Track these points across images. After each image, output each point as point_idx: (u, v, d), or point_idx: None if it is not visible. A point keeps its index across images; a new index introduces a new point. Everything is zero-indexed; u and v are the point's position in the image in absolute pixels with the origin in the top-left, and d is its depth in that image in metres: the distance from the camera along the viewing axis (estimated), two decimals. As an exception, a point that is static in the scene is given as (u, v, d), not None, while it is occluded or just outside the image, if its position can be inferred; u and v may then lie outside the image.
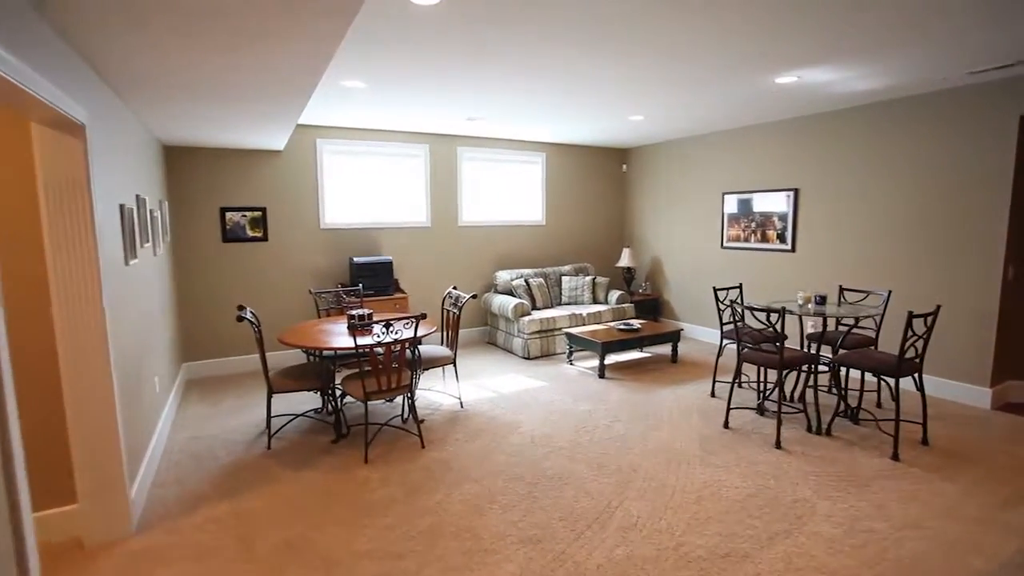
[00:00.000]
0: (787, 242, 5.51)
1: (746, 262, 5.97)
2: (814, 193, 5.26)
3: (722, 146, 6.15)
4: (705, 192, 6.41)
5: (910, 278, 4.58)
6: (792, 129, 5.41)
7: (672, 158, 6.83)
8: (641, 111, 4.99)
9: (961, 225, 4.26)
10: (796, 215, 5.43)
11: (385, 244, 5.99)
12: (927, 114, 4.40)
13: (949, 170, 4.31)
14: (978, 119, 4.12)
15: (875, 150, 4.76)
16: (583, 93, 4.27)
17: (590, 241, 7.45)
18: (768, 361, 3.52)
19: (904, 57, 3.39)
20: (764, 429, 3.76)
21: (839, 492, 2.91)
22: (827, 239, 5.18)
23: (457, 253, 6.42)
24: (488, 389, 4.73)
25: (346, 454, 3.45)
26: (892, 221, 4.68)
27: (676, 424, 3.87)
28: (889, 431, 3.69)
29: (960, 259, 4.28)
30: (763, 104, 4.75)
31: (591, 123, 5.59)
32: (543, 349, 5.81)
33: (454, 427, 3.87)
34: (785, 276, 5.57)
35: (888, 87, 4.16)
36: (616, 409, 4.19)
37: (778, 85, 4.06)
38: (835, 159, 5.07)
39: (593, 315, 6.11)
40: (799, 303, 4.00)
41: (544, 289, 6.33)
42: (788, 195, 5.47)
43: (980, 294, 4.18)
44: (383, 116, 5.11)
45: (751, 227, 5.88)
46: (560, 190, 7.09)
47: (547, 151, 6.94)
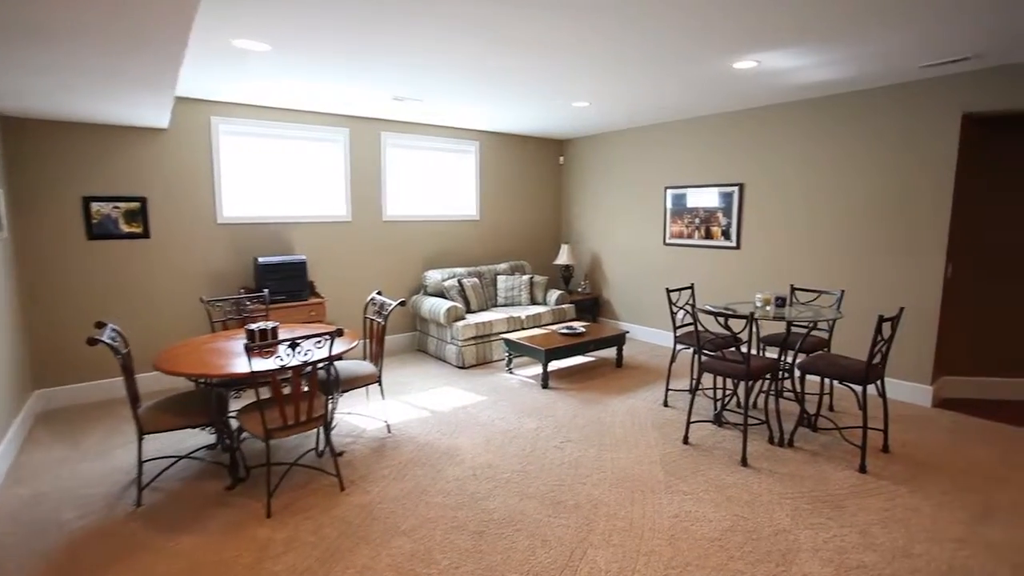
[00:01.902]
0: (732, 239, 5.33)
1: (690, 260, 5.76)
2: (759, 189, 5.10)
3: (665, 139, 5.89)
4: (647, 186, 6.15)
5: (856, 276, 4.50)
6: (738, 122, 5.22)
7: (612, 151, 6.52)
8: (587, 95, 4.58)
9: (906, 223, 4.20)
10: (741, 211, 5.26)
11: (298, 241, 5.22)
12: (874, 110, 4.30)
13: (894, 167, 4.23)
14: (924, 116, 4.06)
15: (821, 146, 4.63)
16: (527, 69, 3.78)
17: (527, 238, 7.01)
18: (733, 371, 3.21)
19: (864, 44, 3.18)
20: (726, 443, 3.47)
21: (818, 518, 2.63)
22: (772, 236, 5.04)
23: (382, 251, 5.75)
24: (419, 407, 4.15)
25: (243, 506, 2.76)
26: (838, 218, 4.58)
27: (633, 443, 3.49)
28: (850, 438, 3.51)
29: (905, 257, 4.22)
30: (719, 93, 4.48)
31: (532, 108, 5.12)
32: (479, 356, 5.30)
33: (380, 459, 3.27)
34: (730, 274, 5.39)
35: (845, 79, 4.00)
36: (565, 426, 3.76)
37: (735, 71, 3.77)
38: (781, 154, 4.92)
39: (532, 317, 5.67)
40: (758, 304, 3.75)
41: (479, 290, 5.81)
42: (733, 190, 5.29)
43: (923, 292, 4.14)
44: (293, 92, 4.36)
45: (695, 223, 5.66)
46: (496, 183, 6.59)
47: (482, 140, 6.40)
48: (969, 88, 3.84)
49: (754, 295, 4.91)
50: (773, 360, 3.38)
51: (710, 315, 3.33)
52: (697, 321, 3.37)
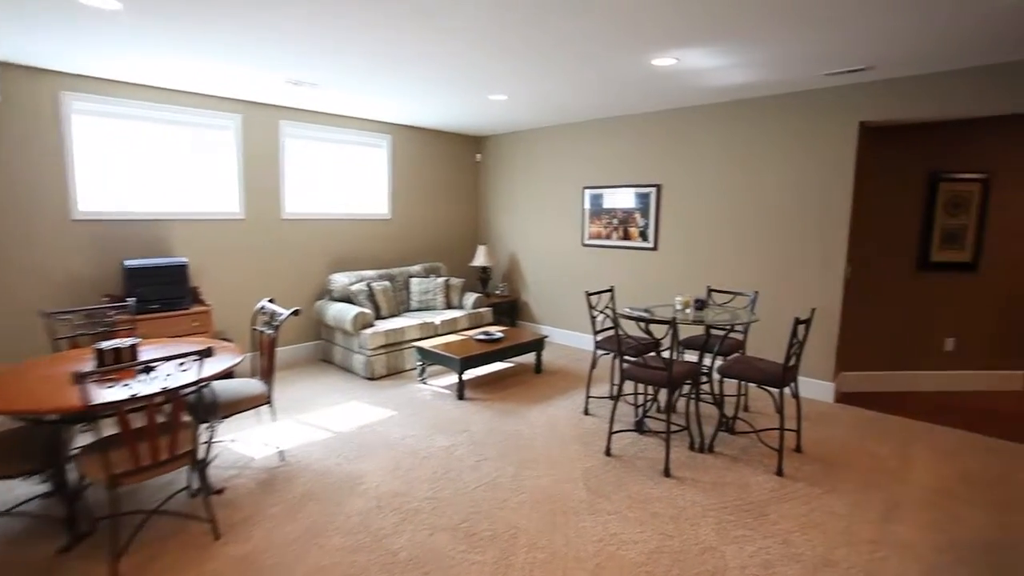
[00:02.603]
0: (649, 240, 5.32)
1: (608, 261, 5.70)
2: (676, 190, 5.11)
3: (584, 138, 5.79)
4: (565, 186, 6.02)
5: (768, 277, 4.60)
6: (656, 123, 5.20)
7: (531, 149, 6.34)
8: (505, 89, 4.34)
9: (812, 225, 4.33)
10: (658, 212, 5.25)
11: (179, 241, 4.55)
12: (784, 115, 4.40)
13: (801, 171, 4.35)
14: (827, 123, 4.19)
15: (735, 149, 4.70)
16: (440, 56, 3.46)
17: (443, 238, 6.68)
18: (655, 379, 3.09)
19: (775, 47, 3.17)
20: (648, 452, 3.35)
21: (742, 530, 2.54)
22: (689, 238, 5.06)
23: (281, 252, 5.18)
24: (320, 427, 3.70)
25: (83, 572, 2.23)
26: (751, 220, 4.66)
27: (554, 457, 3.28)
28: (766, 440, 3.52)
29: (811, 258, 4.35)
30: (638, 92, 4.39)
31: (447, 101, 4.80)
32: (390, 366, 4.90)
33: (269, 494, 2.82)
34: (649, 276, 5.38)
35: (758, 83, 4.04)
36: (482, 441, 3.49)
37: (655, 69, 3.67)
38: (697, 156, 4.95)
39: (448, 323, 5.35)
40: (678, 307, 3.68)
41: (390, 294, 5.40)
42: (650, 191, 5.27)
43: (826, 292, 4.29)
44: (169, 68, 3.75)
45: (613, 224, 5.60)
46: (409, 180, 6.19)
47: (394, 133, 5.98)
48: (865, 98, 4.00)
49: (673, 297, 4.91)
50: (695, 365, 3.30)
51: (631, 320, 3.20)
52: (618, 326, 3.23)
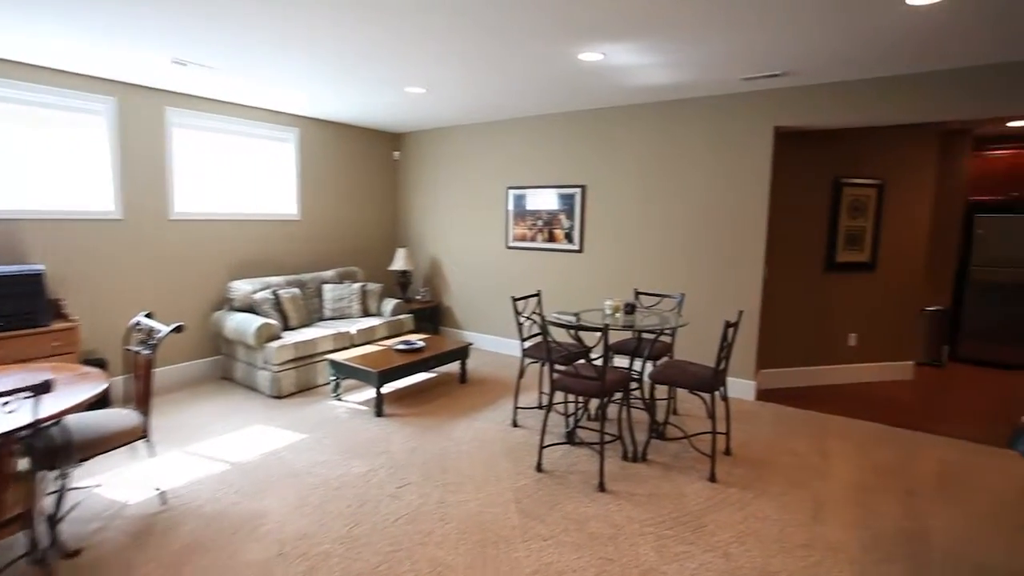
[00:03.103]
0: (575, 242, 5.22)
1: (534, 263, 5.54)
2: (601, 191, 5.05)
3: (508, 136, 5.60)
4: (489, 186, 5.80)
5: (692, 279, 4.62)
6: (582, 122, 5.10)
7: (452, 147, 6.06)
8: (423, 80, 4.04)
9: (732, 228, 4.40)
10: (584, 214, 5.16)
11: (36, 246, 3.84)
12: (706, 118, 4.44)
13: (722, 174, 4.41)
14: (745, 127, 4.27)
15: (660, 150, 4.69)
16: (350, 39, 3.11)
17: (359, 241, 6.23)
18: (588, 389, 2.93)
19: (697, 46, 3.13)
20: (581, 465, 3.20)
21: (682, 546, 2.43)
22: (614, 239, 5.01)
23: (170, 258, 4.55)
24: (213, 459, 3.22)
25: None
26: (675, 222, 4.67)
27: (482, 478, 3.04)
28: (696, 444, 3.48)
29: (732, 260, 4.42)
30: (564, 89, 4.25)
31: (362, 93, 4.42)
32: (300, 382, 4.44)
33: (142, 550, 2.36)
34: (575, 279, 5.27)
35: (682, 84, 4.02)
36: (403, 464, 3.18)
37: (581, 64, 3.53)
38: (622, 157, 4.90)
39: (365, 332, 4.96)
40: (607, 312, 3.56)
41: (300, 303, 4.91)
42: (575, 192, 5.17)
43: (747, 292, 4.37)
44: (16, 35, 3.11)
45: (538, 225, 5.46)
46: (321, 177, 5.71)
47: (303, 127, 5.48)
48: (780, 104, 4.11)
49: (602, 301, 4.83)
50: (627, 372, 3.19)
51: (561, 327, 3.02)
52: (546, 333, 3.04)
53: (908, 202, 4.95)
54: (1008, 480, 3.16)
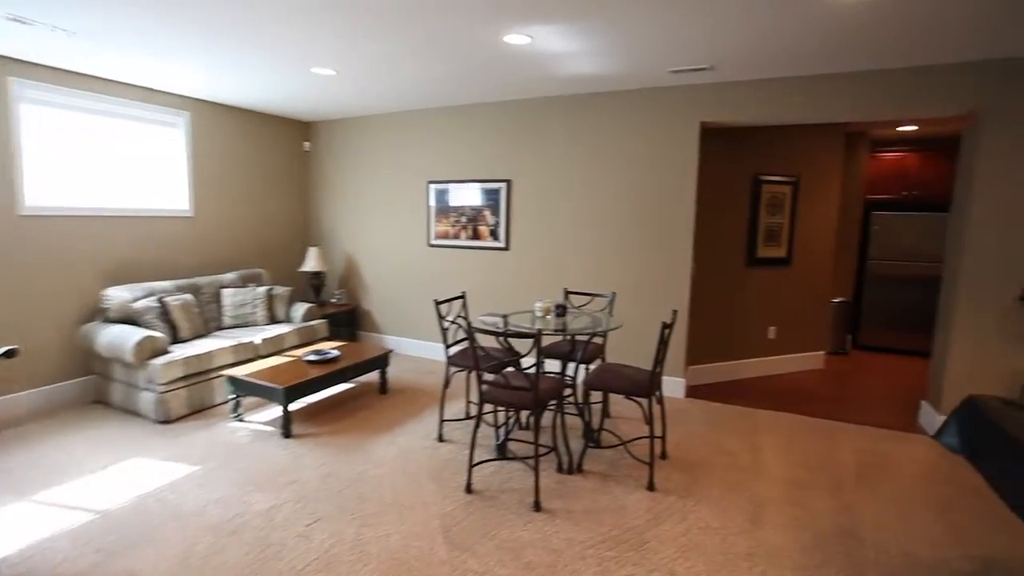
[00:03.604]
0: (500, 239, 4.97)
1: (458, 262, 5.24)
2: (527, 186, 4.83)
3: (429, 127, 5.24)
4: (409, 181, 5.42)
5: (623, 276, 4.52)
6: (507, 114, 4.85)
7: (369, 137, 5.61)
8: (333, 60, 3.61)
9: (661, 224, 4.34)
10: (509, 210, 4.92)
11: None
12: (634, 111, 4.33)
13: (650, 170, 4.33)
14: (673, 122, 4.21)
15: (588, 144, 4.54)
16: (243, 5, 2.65)
17: (264, 240, 5.63)
18: (520, 401, 2.69)
19: (624, 34, 2.98)
20: (514, 481, 2.96)
21: (626, 567, 2.25)
22: (542, 237, 4.81)
23: (20, 261, 3.80)
24: (73, 507, 2.66)
25: None
26: (605, 218, 4.54)
27: (406, 505, 2.72)
28: (634, 451, 3.34)
29: (661, 256, 4.36)
30: (489, 77, 3.97)
31: (263, 72, 3.90)
32: (193, 403, 3.87)
33: (-38, 639, 1.84)
34: (502, 278, 5.03)
35: (609, 75, 3.87)
36: (314, 495, 2.79)
37: (507, 48, 3.27)
38: (549, 151, 4.70)
39: (272, 341, 4.44)
40: (538, 314, 3.35)
41: (193, 311, 4.31)
42: (500, 187, 4.92)
43: (677, 289, 4.33)
44: None
45: (461, 222, 5.16)
46: (218, 169, 5.06)
47: (195, 110, 4.82)
48: (706, 99, 4.08)
49: (531, 301, 4.63)
50: (561, 379, 2.98)
51: (488, 334, 2.76)
52: (473, 340, 2.77)
53: (818, 200, 5.15)
54: (915, 464, 3.30)
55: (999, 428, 1.95)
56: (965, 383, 3.65)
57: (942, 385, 3.73)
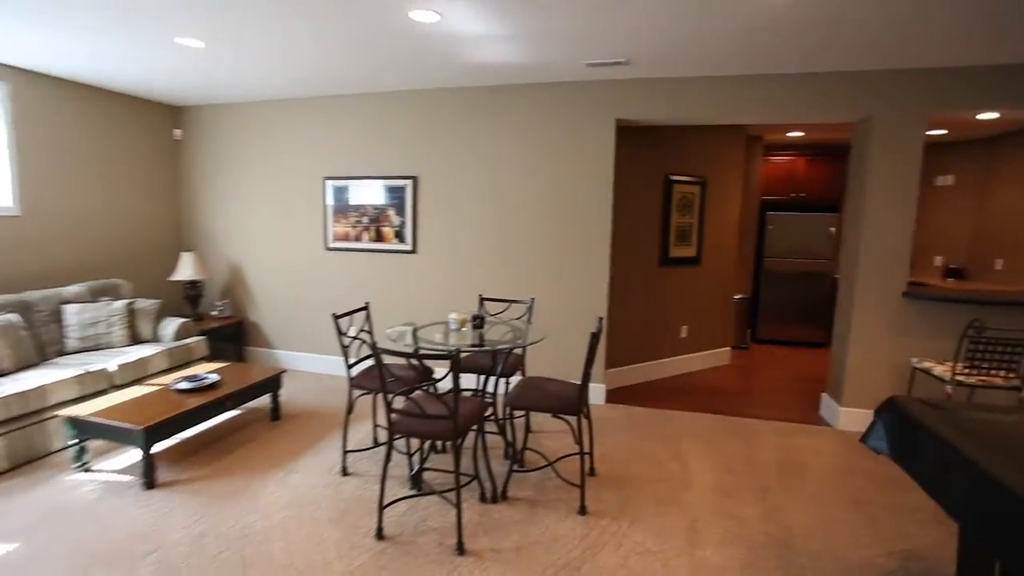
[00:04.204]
0: (407, 242, 4.56)
1: (360, 267, 4.74)
2: (436, 184, 4.45)
3: (326, 118, 4.68)
4: (303, 177, 4.83)
5: (539, 280, 4.29)
6: (412, 104, 4.43)
7: (254, 126, 4.93)
8: (199, 29, 3.01)
9: (579, 224, 4.16)
10: (416, 209, 4.52)
11: None
12: (550, 106, 4.11)
13: (567, 168, 4.13)
14: (589, 118, 4.04)
15: (502, 139, 4.25)
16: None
17: (124, 244, 4.75)
18: (439, 432, 2.34)
19: (537, 19, 2.73)
20: (432, 519, 2.60)
21: (563, 617, 1.99)
22: (453, 238, 4.46)
23: None
24: None
25: None
26: (520, 219, 4.28)
27: (304, 565, 2.25)
28: (560, 471, 3.10)
29: (579, 257, 4.18)
30: (393, 61, 3.54)
31: (115, 37, 3.18)
32: (15, 454, 3.07)
33: None
34: (410, 284, 4.61)
35: (524, 66, 3.60)
36: (182, 567, 2.24)
37: (412, 27, 2.89)
38: (460, 146, 4.36)
39: (132, 367, 3.70)
40: (453, 326, 3.00)
41: (20, 334, 3.47)
42: (406, 184, 4.50)
43: (595, 292, 4.18)
44: None
45: (363, 223, 4.67)
46: (57, 157, 4.15)
47: (17, 82, 3.90)
48: (621, 96, 3.95)
49: (442, 310, 4.27)
50: (482, 400, 2.66)
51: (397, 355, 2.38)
52: (380, 361, 2.37)
53: (724, 200, 5.28)
54: (825, 458, 3.39)
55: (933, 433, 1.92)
56: (863, 375, 3.83)
57: (842, 378, 3.89)
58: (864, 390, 3.84)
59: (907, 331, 3.74)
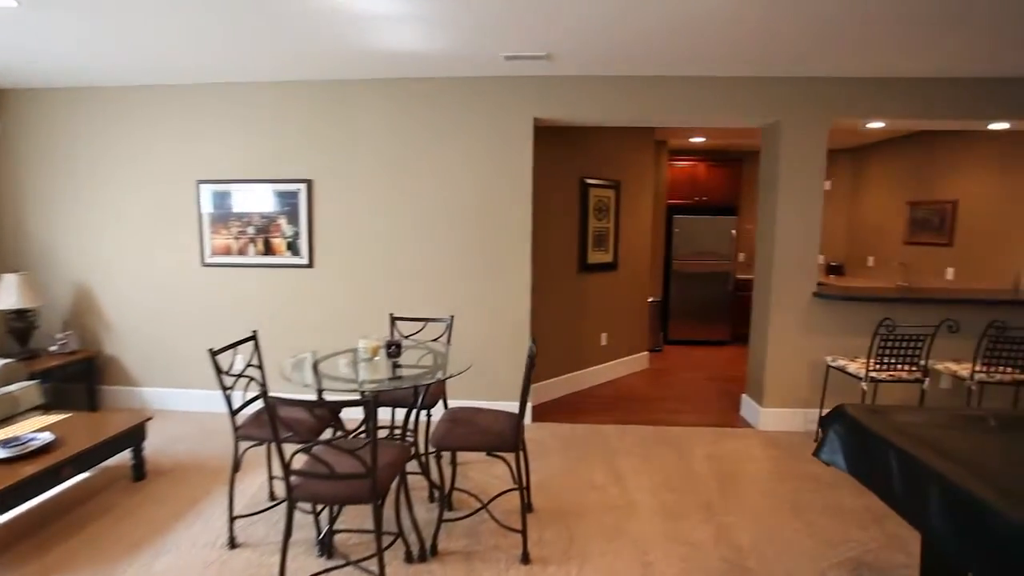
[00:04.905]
0: (302, 255, 3.98)
1: (246, 285, 4.07)
2: (335, 189, 3.92)
3: (199, 109, 3.96)
4: (171, 180, 4.05)
5: (457, 293, 3.92)
6: (307, 97, 3.86)
7: (107, 117, 4.05)
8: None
9: (500, 232, 3.85)
10: (312, 217, 3.96)
11: None
12: (465, 103, 3.76)
13: (485, 170, 3.81)
14: (507, 116, 3.75)
15: (411, 138, 3.82)
16: None
17: (-86, 266, 3.69)
18: (352, 494, 1.89)
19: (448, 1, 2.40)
20: (348, 596, 2.13)
21: None
22: (358, 250, 3.95)
23: None
24: None
25: None
26: (432, 226, 3.88)
27: None
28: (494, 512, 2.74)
29: (500, 269, 3.87)
30: (279, 44, 2.99)
31: None
32: None
33: None
34: (308, 304, 4.02)
35: (436, 55, 3.21)
36: None
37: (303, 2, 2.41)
38: (363, 146, 3.86)
39: (-74, 430, 2.80)
40: (363, 355, 2.54)
41: None
42: (298, 189, 3.93)
43: (517, 304, 3.89)
44: None
45: (248, 233, 4.02)
46: None
47: None
48: (540, 94, 3.71)
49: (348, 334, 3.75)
50: (403, 445, 2.24)
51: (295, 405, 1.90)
52: (274, 416, 1.88)
53: (637, 203, 5.24)
54: (758, 464, 3.37)
55: (894, 446, 1.82)
56: (782, 375, 3.88)
57: (762, 379, 3.93)
58: (783, 390, 3.90)
59: (820, 330, 3.84)
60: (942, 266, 5.25)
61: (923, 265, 5.50)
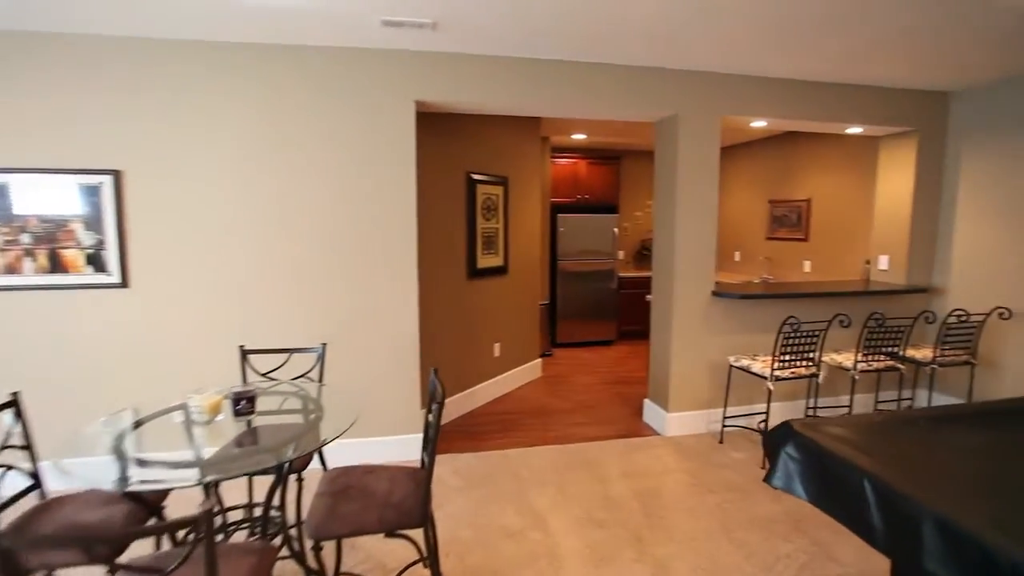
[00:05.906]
0: (110, 270, 2.98)
1: (22, 318, 2.96)
2: (157, 181, 2.97)
3: (-95, 66, 2.75)
4: None
5: (329, 311, 3.20)
6: (119, 60, 2.85)
7: None
8: None
9: (378, 236, 3.21)
10: (122, 219, 2.97)
11: None
12: (338, 79, 3.06)
13: (360, 159, 3.14)
14: (385, 97, 3.13)
15: (264, 118, 3.02)
16: None
17: None
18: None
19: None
20: None
21: None
22: (189, 260, 3.06)
23: None
24: None
25: None
26: (294, 228, 3.12)
27: None
28: (391, 591, 2.16)
29: (380, 279, 3.24)
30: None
31: None
32: None
33: None
34: (116, 339, 3.02)
35: (302, 14, 2.48)
36: None
37: None
38: (200, 127, 2.96)
39: None
40: (197, 417, 1.80)
41: None
42: (100, 182, 2.92)
43: (403, 316, 3.29)
44: None
45: (23, 243, 2.91)
46: None
47: None
48: (423, 72, 3.14)
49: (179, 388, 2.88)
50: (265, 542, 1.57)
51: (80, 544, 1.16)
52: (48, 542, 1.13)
53: (525, 202, 4.89)
54: (675, 477, 3.19)
55: (859, 469, 1.60)
56: (686, 379, 3.76)
57: (667, 384, 3.77)
58: (688, 393, 3.78)
59: (719, 330, 3.78)
60: (800, 259, 5.64)
61: (783, 259, 5.88)
